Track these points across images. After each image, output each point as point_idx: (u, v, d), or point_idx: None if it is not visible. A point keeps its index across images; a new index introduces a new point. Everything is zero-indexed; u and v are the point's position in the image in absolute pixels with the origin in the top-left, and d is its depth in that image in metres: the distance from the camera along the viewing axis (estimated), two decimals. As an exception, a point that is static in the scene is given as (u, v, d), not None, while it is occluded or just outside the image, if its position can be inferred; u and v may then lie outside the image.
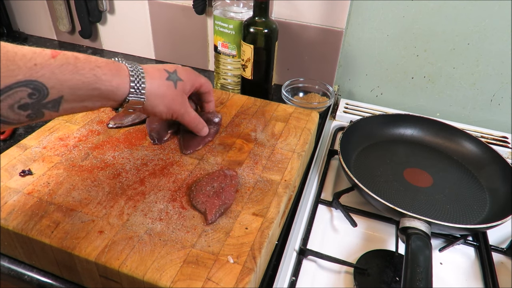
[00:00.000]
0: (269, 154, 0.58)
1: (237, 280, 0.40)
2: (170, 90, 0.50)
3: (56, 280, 0.47)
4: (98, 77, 0.41)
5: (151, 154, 0.56)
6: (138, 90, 0.45)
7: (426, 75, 0.84)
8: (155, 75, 0.48)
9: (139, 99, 0.46)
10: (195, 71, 0.56)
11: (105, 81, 0.42)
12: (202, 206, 0.47)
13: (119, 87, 0.44)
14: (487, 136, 0.80)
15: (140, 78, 0.46)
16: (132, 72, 0.45)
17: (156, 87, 0.48)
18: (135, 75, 0.45)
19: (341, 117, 0.84)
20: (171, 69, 0.51)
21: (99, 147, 0.57)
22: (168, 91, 0.50)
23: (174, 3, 0.90)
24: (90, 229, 0.44)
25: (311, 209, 0.61)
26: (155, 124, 0.61)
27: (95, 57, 0.42)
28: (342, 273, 0.52)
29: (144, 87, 0.46)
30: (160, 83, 0.49)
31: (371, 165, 0.68)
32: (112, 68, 0.43)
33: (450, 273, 0.54)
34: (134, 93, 0.45)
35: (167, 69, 0.50)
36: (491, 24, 0.74)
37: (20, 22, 1.10)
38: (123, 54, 1.03)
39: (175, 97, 0.51)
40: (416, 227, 0.51)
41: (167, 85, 0.50)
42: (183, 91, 0.52)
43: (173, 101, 0.51)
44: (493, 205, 0.61)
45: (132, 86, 0.45)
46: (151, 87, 0.47)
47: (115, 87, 0.43)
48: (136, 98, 0.46)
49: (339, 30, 0.81)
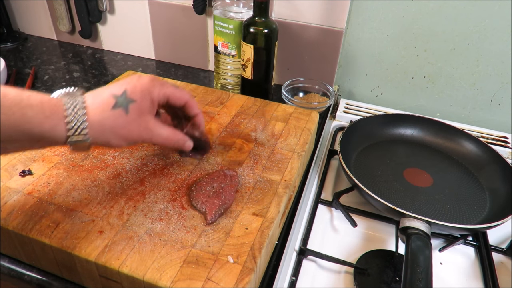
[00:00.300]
0: (269, 154, 0.58)
1: (237, 280, 0.40)
2: (120, 119, 0.42)
3: (56, 280, 0.47)
4: (27, 118, 0.36)
5: (151, 154, 0.56)
6: (79, 130, 0.39)
7: (426, 75, 0.84)
8: (98, 107, 0.41)
9: (83, 140, 0.40)
10: (158, 80, 0.46)
11: (36, 122, 0.37)
12: (202, 206, 0.47)
13: (54, 129, 0.38)
14: (487, 136, 0.80)
15: (79, 116, 0.39)
16: (70, 110, 0.39)
17: (100, 123, 0.41)
18: (73, 114, 0.39)
19: (341, 117, 0.84)
20: (119, 91, 0.43)
21: (99, 147, 0.57)
22: (118, 121, 0.42)
23: (174, 3, 0.90)
24: (90, 229, 0.44)
25: (311, 209, 0.61)
26: None
27: (29, 93, 0.38)
28: (342, 273, 0.52)
29: (85, 126, 0.40)
30: (104, 116, 0.41)
31: (371, 165, 0.68)
32: (45, 108, 0.38)
33: (450, 273, 0.54)
34: (75, 135, 0.39)
35: (115, 92, 0.42)
36: (491, 24, 0.74)
37: (20, 22, 1.10)
38: (123, 54, 1.03)
39: (129, 125, 0.43)
40: (416, 227, 0.51)
41: (114, 115, 0.42)
42: (141, 113, 0.44)
43: (128, 131, 0.43)
44: (493, 205, 0.61)
45: (69, 127, 0.39)
46: (94, 124, 0.40)
47: (49, 129, 0.38)
48: (78, 139, 0.40)
49: (339, 30, 0.81)
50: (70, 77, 0.91)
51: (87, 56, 1.02)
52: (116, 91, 0.43)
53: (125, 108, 0.42)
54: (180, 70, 0.97)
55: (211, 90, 0.73)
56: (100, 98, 0.42)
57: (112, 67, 0.97)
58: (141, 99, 0.44)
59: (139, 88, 0.44)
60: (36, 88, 0.85)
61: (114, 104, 0.42)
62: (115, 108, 0.42)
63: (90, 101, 0.41)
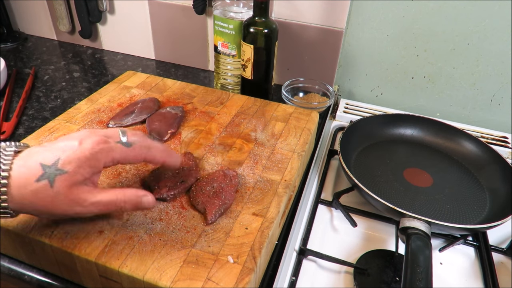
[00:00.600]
0: (269, 154, 0.58)
1: (237, 280, 0.40)
2: (42, 193, 0.37)
3: (56, 280, 0.47)
4: None
5: (151, 154, 0.56)
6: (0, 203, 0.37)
7: (426, 75, 0.84)
8: (21, 179, 0.37)
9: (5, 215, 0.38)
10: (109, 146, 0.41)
11: None
12: (202, 206, 0.47)
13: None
14: (487, 136, 0.80)
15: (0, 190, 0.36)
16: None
17: (21, 198, 0.37)
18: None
19: (341, 117, 0.84)
20: (51, 160, 0.38)
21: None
22: (40, 195, 0.37)
23: (174, 3, 0.90)
24: (90, 229, 0.44)
25: (311, 209, 0.61)
26: (155, 124, 0.61)
27: None
28: (342, 273, 0.52)
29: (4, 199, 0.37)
30: (26, 190, 0.37)
31: (371, 165, 0.68)
32: None
33: (450, 273, 0.54)
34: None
35: (45, 162, 0.38)
36: (491, 24, 0.74)
37: (20, 22, 1.10)
38: (123, 54, 1.03)
39: (52, 199, 0.38)
40: (416, 227, 0.51)
41: (37, 189, 0.37)
42: (70, 185, 0.38)
43: (51, 205, 0.38)
44: (493, 205, 0.61)
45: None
46: (14, 199, 0.37)
47: None
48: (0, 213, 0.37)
49: (339, 30, 0.81)
50: (70, 77, 0.91)
51: (87, 56, 1.02)
52: (48, 159, 0.38)
53: (50, 181, 0.38)
54: (180, 70, 0.97)
55: (211, 90, 0.73)
56: (27, 168, 0.38)
57: (112, 67, 0.97)
58: (75, 169, 0.39)
59: (78, 156, 0.39)
60: (36, 88, 0.85)
61: (40, 175, 0.37)
62: (39, 181, 0.37)
63: (16, 171, 0.37)
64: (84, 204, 0.40)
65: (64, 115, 0.63)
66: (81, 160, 0.39)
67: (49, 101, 0.81)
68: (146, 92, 0.71)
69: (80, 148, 0.40)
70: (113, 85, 0.73)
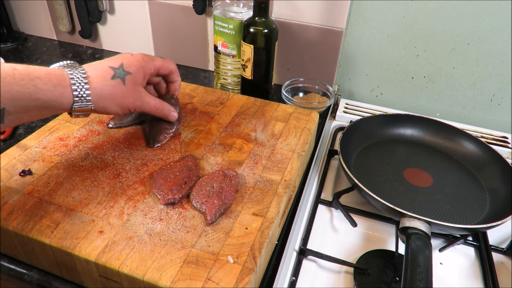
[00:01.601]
0: (269, 154, 0.58)
1: (237, 280, 0.40)
2: (118, 89, 0.48)
3: (56, 280, 0.47)
4: (38, 88, 0.41)
5: (151, 154, 0.56)
6: (83, 98, 0.45)
7: (426, 75, 0.84)
8: (99, 77, 0.47)
9: (86, 106, 0.45)
10: (148, 56, 0.54)
11: (46, 91, 0.41)
12: (202, 206, 0.47)
13: (62, 96, 0.43)
14: (487, 136, 0.80)
15: (83, 85, 0.44)
16: (74, 80, 0.44)
17: (101, 90, 0.46)
18: (77, 83, 0.44)
19: (341, 117, 0.84)
20: (117, 64, 0.49)
21: (99, 147, 0.57)
22: (116, 90, 0.48)
23: (174, 3, 0.90)
24: (90, 229, 0.44)
25: (311, 209, 0.61)
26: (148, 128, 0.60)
27: (34, 67, 0.42)
28: (342, 273, 0.52)
29: (88, 93, 0.45)
30: (105, 84, 0.47)
31: (371, 165, 0.68)
32: (52, 78, 0.42)
33: (450, 273, 0.54)
34: (79, 101, 0.45)
35: (112, 65, 0.48)
36: (491, 24, 0.74)
37: (20, 22, 1.10)
38: (123, 54, 1.03)
39: (125, 94, 0.49)
40: (416, 227, 0.51)
41: (113, 84, 0.48)
42: (135, 84, 0.50)
43: (124, 98, 0.49)
44: (493, 205, 0.61)
45: (75, 94, 0.44)
46: (95, 91, 0.46)
47: (58, 97, 0.43)
48: (82, 105, 0.45)
49: (339, 30, 0.81)
50: (70, 77, 0.91)
51: (87, 56, 1.02)
52: (114, 64, 0.48)
53: (122, 79, 0.48)
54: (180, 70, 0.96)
55: (211, 90, 0.73)
56: (100, 70, 0.47)
57: (112, 67, 0.97)
58: (136, 72, 0.50)
59: (134, 62, 0.50)
60: (36, 88, 0.85)
61: (113, 75, 0.48)
62: (114, 79, 0.47)
63: (91, 72, 0.46)
64: (142, 101, 0.52)
65: (64, 115, 0.63)
66: (137, 65, 0.51)
67: (49, 101, 0.81)
68: (146, 92, 0.71)
69: (135, 56, 0.51)
70: (113, 85, 0.72)
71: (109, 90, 0.47)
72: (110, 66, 0.48)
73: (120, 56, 0.50)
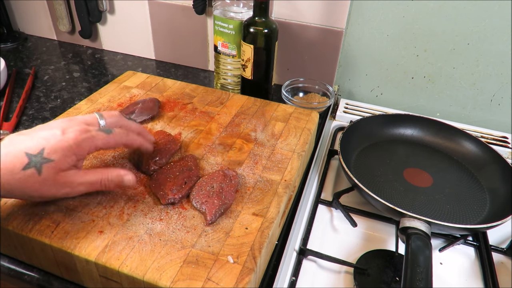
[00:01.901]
0: (269, 154, 0.58)
1: (237, 280, 0.40)
2: (30, 181, 0.39)
3: (56, 280, 0.47)
4: None
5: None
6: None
7: (426, 75, 0.84)
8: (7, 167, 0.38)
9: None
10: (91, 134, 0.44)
11: None
12: (202, 206, 0.47)
13: None
14: (487, 136, 0.80)
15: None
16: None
17: (8, 184, 0.39)
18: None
19: (341, 117, 0.84)
20: (36, 150, 0.40)
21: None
22: (28, 182, 0.39)
23: (174, 3, 0.90)
24: (90, 229, 0.44)
25: (311, 209, 0.61)
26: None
27: None
28: (342, 273, 0.52)
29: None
30: (12, 177, 0.39)
31: (371, 165, 0.68)
32: None
33: (450, 273, 0.54)
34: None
35: (30, 151, 0.40)
36: (491, 24, 0.74)
37: (20, 22, 1.10)
38: (123, 54, 1.03)
39: (41, 185, 0.40)
40: (416, 227, 0.51)
41: (24, 176, 0.39)
42: (57, 172, 0.41)
43: (39, 190, 0.41)
44: (493, 205, 0.61)
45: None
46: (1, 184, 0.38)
47: None
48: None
49: (339, 30, 0.81)
50: (70, 77, 0.91)
51: (87, 56, 1.02)
52: (32, 149, 0.40)
53: (38, 169, 0.40)
54: (180, 70, 0.97)
55: (211, 90, 0.73)
56: (12, 156, 0.39)
57: (112, 67, 0.97)
58: (60, 158, 0.41)
59: (62, 145, 0.41)
60: (36, 88, 0.85)
61: (27, 164, 0.39)
62: (26, 169, 0.39)
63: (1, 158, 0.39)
64: (72, 185, 0.43)
65: (64, 115, 0.63)
66: (66, 149, 0.41)
67: (49, 101, 0.81)
68: (146, 92, 0.71)
69: (64, 137, 0.42)
70: (113, 85, 0.73)
71: (18, 184, 0.39)
72: (26, 152, 0.39)
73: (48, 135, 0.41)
